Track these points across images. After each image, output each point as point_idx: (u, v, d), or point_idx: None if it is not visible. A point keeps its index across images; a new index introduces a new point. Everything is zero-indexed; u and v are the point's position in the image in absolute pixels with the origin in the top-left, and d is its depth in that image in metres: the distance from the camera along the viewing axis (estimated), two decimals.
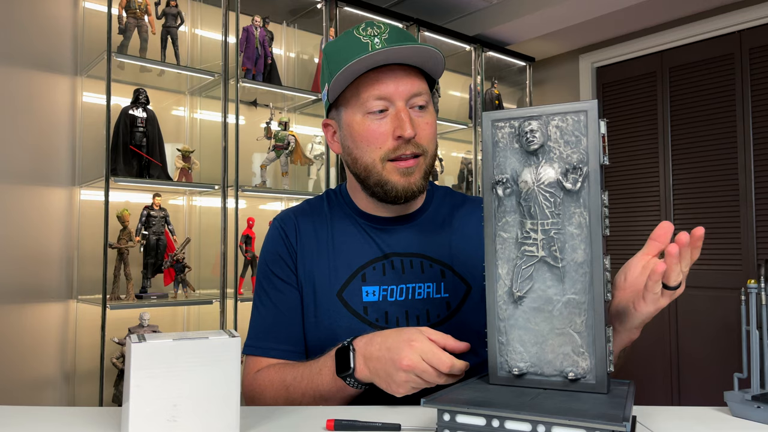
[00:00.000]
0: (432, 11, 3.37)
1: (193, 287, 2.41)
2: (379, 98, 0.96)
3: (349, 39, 0.98)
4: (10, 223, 2.24)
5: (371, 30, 0.97)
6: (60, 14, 2.39)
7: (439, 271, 1.03)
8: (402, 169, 0.98)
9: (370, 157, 0.98)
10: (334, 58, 0.99)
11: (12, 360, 2.22)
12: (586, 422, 0.60)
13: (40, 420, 0.83)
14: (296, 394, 0.93)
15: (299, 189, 2.84)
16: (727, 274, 3.03)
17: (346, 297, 1.01)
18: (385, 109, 0.97)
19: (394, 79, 0.96)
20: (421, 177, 1.00)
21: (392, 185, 0.98)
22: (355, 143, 1.00)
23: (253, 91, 2.71)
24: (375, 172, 0.99)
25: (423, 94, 0.99)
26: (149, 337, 0.72)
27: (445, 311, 1.02)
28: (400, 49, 0.93)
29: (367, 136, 0.98)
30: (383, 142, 0.97)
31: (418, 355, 0.80)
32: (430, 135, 1.00)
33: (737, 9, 3.06)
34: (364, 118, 0.98)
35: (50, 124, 2.35)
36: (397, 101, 0.97)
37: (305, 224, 1.08)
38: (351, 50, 0.95)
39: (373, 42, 0.95)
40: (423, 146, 0.99)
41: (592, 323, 0.70)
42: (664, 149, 3.34)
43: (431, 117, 1.01)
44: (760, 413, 0.79)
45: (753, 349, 0.83)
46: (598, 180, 0.70)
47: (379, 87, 0.96)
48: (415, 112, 0.99)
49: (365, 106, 0.97)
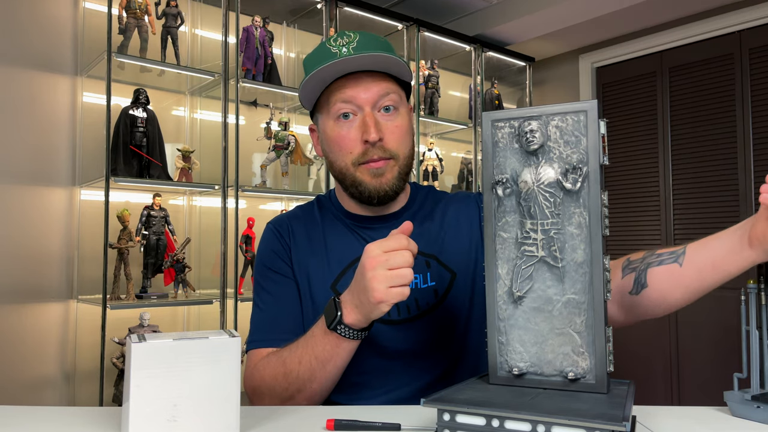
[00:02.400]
0: (432, 11, 3.37)
1: (193, 287, 2.41)
2: (344, 102, 1.00)
3: (321, 49, 1.02)
4: (11, 223, 2.24)
5: (341, 40, 1.01)
6: (60, 14, 2.39)
7: (425, 262, 1.07)
8: (372, 170, 1.01)
9: (343, 161, 1.03)
10: (307, 68, 1.04)
11: (12, 360, 2.22)
12: (586, 422, 0.60)
13: (40, 420, 0.83)
14: (293, 364, 0.94)
15: (299, 189, 2.84)
16: None
17: (339, 289, 1.05)
18: (354, 113, 1.01)
19: (359, 85, 1.00)
20: (393, 178, 1.02)
21: (365, 186, 1.02)
22: (329, 148, 1.05)
23: (253, 91, 2.71)
24: (349, 175, 1.03)
25: (390, 93, 1.02)
26: (149, 337, 0.72)
27: (434, 299, 1.05)
28: (359, 57, 0.97)
29: (338, 141, 1.02)
30: (353, 146, 1.01)
31: (383, 285, 0.83)
32: (398, 138, 1.02)
33: (737, 9, 3.06)
34: (335, 124, 1.02)
35: (50, 124, 2.35)
36: (364, 106, 1.00)
37: (298, 227, 1.12)
38: (321, 60, 0.99)
39: (341, 51, 0.99)
40: (391, 150, 1.01)
41: (592, 323, 0.70)
42: (663, 149, 3.34)
43: (402, 119, 1.03)
44: (760, 413, 0.79)
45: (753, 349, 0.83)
46: (597, 180, 0.70)
47: (344, 92, 1.00)
48: (383, 117, 1.01)
49: (334, 111, 1.02)
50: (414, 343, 1.03)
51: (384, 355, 1.02)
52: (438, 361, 1.04)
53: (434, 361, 1.04)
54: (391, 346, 1.02)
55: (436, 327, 1.04)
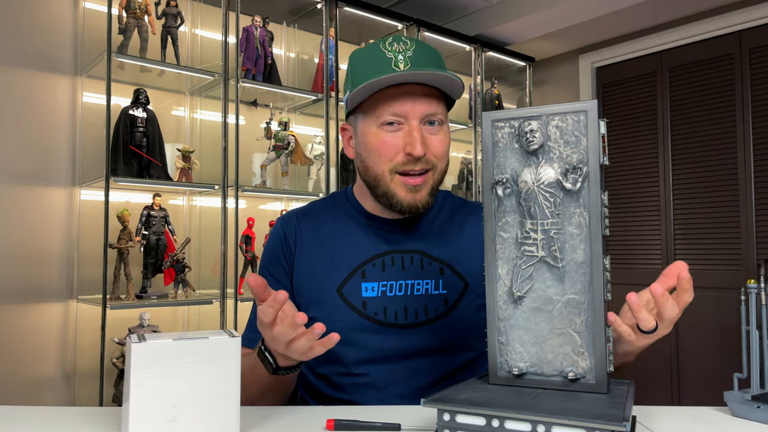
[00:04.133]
0: (432, 11, 3.37)
1: (193, 287, 2.41)
2: (394, 114, 1.00)
3: (374, 51, 1.01)
4: (10, 223, 2.24)
5: (397, 46, 1.00)
6: (60, 14, 2.39)
7: (438, 269, 1.06)
8: (410, 186, 1.01)
9: (380, 168, 1.02)
10: (358, 68, 1.03)
11: (12, 360, 2.22)
12: (586, 422, 0.60)
13: (40, 420, 0.83)
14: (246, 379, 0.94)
15: (299, 189, 2.84)
16: (727, 274, 3.02)
17: (345, 293, 1.04)
18: (400, 123, 1.00)
19: (411, 98, 0.99)
20: (427, 193, 1.03)
21: (398, 199, 1.02)
22: (367, 152, 1.03)
23: (253, 91, 2.71)
24: (383, 183, 1.02)
25: (438, 113, 1.02)
26: (149, 337, 0.72)
27: (443, 307, 1.04)
28: (420, 74, 0.97)
29: (379, 147, 1.01)
30: (394, 155, 1.01)
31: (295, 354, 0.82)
32: (441, 151, 1.03)
33: (737, 9, 3.06)
34: (378, 130, 1.01)
35: (50, 124, 2.34)
36: (411, 119, 1.00)
37: (308, 224, 1.12)
38: (374, 63, 0.99)
39: (396, 58, 0.99)
40: (432, 161, 1.02)
41: (592, 323, 0.70)
42: (663, 149, 3.34)
43: (444, 135, 1.04)
44: (760, 413, 0.79)
45: (753, 349, 0.83)
46: (597, 180, 0.70)
47: (395, 104, 0.99)
48: (428, 129, 1.02)
49: (381, 119, 1.01)
50: (419, 348, 1.02)
51: (388, 359, 1.02)
52: (441, 366, 1.04)
53: (438, 366, 1.03)
54: (396, 348, 1.02)
55: (443, 335, 1.03)
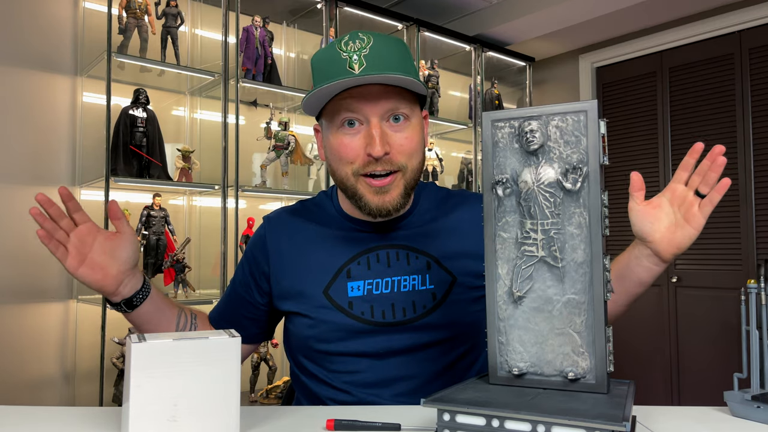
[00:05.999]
0: (432, 11, 3.37)
1: (193, 287, 2.41)
2: (350, 111, 0.96)
3: (330, 52, 0.97)
4: (10, 223, 2.24)
5: (353, 44, 0.95)
6: (60, 14, 2.39)
7: (425, 263, 1.05)
8: (375, 188, 0.97)
9: (343, 171, 0.98)
10: (316, 71, 1.00)
11: (12, 360, 2.22)
12: (586, 422, 0.60)
13: (40, 420, 0.83)
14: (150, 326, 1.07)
15: (299, 189, 2.84)
16: (727, 274, 3.02)
17: (332, 294, 1.03)
18: (360, 122, 0.96)
19: (369, 97, 0.95)
20: (399, 194, 0.98)
21: (365, 201, 0.98)
22: (331, 155, 1.01)
23: (253, 91, 2.71)
24: (349, 185, 0.99)
25: (401, 108, 0.97)
26: (149, 337, 0.72)
27: (431, 302, 1.03)
28: (371, 78, 0.92)
29: (340, 150, 0.97)
30: (354, 157, 0.96)
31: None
32: (409, 149, 0.97)
33: (737, 9, 3.06)
34: (338, 132, 0.98)
35: (50, 124, 2.34)
36: (371, 117, 0.95)
37: (294, 223, 1.11)
38: (330, 66, 0.95)
39: (351, 59, 0.94)
40: (398, 163, 0.97)
41: (592, 323, 0.70)
42: (664, 149, 3.34)
43: (412, 131, 0.98)
44: (760, 413, 0.79)
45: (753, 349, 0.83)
46: (597, 180, 0.70)
47: (352, 103, 0.95)
48: (392, 127, 0.97)
49: (339, 120, 0.97)
50: (410, 346, 1.02)
51: (378, 355, 1.01)
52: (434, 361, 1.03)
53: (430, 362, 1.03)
54: (385, 346, 1.01)
55: (433, 330, 1.02)
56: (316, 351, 1.03)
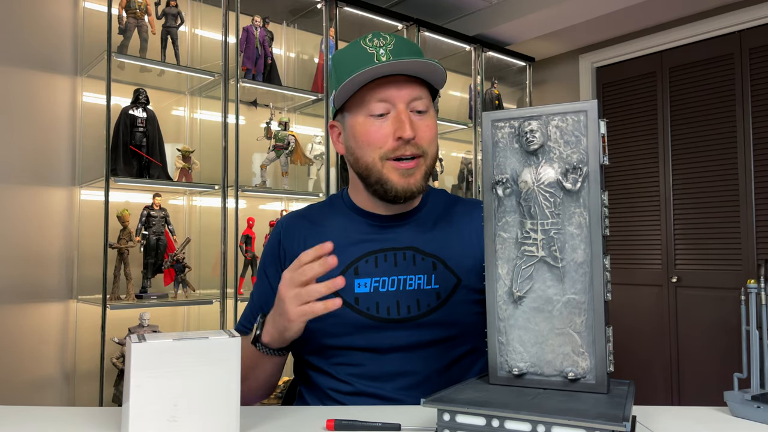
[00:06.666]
0: (432, 11, 3.37)
1: (193, 287, 2.41)
2: (380, 101, 1.02)
3: (355, 49, 1.04)
4: (10, 223, 2.24)
5: (377, 41, 1.03)
6: (60, 14, 2.39)
7: (431, 264, 1.07)
8: (402, 170, 1.03)
9: (371, 157, 1.03)
10: (341, 67, 1.05)
11: (12, 360, 2.22)
12: (586, 422, 0.60)
13: (40, 420, 0.83)
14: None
15: (299, 189, 2.84)
16: (727, 274, 3.02)
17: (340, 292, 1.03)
18: (387, 112, 1.02)
19: (396, 85, 1.02)
20: (421, 177, 1.05)
21: (392, 185, 1.03)
22: (357, 143, 1.05)
23: (253, 91, 2.71)
24: (375, 171, 1.04)
25: (423, 98, 1.04)
26: (149, 337, 0.72)
27: (435, 301, 1.06)
28: (403, 63, 0.99)
29: (368, 136, 1.03)
30: (384, 142, 1.02)
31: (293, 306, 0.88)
32: (430, 137, 1.05)
33: (737, 9, 3.06)
34: (366, 120, 1.03)
35: (50, 124, 2.34)
36: (398, 104, 1.02)
37: (304, 224, 1.16)
38: (357, 60, 1.01)
39: (378, 53, 1.01)
40: (422, 147, 1.03)
41: (592, 323, 0.70)
42: (664, 149, 3.34)
43: (431, 120, 1.06)
44: (760, 413, 0.79)
45: (753, 349, 0.83)
46: (597, 180, 0.70)
47: (381, 91, 1.01)
48: (415, 116, 1.04)
49: (368, 108, 1.03)
50: (413, 342, 1.03)
51: (381, 350, 1.03)
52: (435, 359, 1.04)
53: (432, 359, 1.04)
54: (389, 343, 1.03)
55: (436, 328, 1.04)
56: (321, 344, 1.05)
